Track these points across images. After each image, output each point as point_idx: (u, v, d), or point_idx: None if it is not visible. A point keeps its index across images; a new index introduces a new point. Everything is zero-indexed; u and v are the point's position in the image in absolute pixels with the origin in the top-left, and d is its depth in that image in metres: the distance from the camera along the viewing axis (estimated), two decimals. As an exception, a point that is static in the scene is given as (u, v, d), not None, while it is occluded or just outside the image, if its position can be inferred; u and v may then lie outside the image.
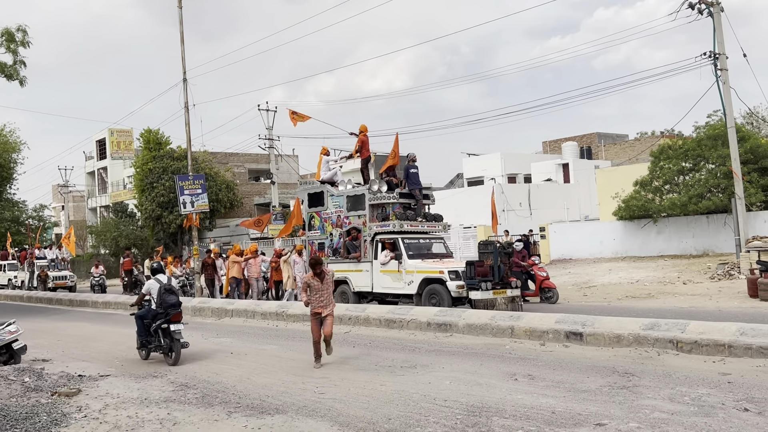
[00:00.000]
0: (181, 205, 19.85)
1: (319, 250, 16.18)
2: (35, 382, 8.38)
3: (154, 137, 42.35)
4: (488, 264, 13.48)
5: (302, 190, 17.23)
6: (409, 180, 15.27)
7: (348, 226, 15.43)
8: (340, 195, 15.86)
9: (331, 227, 15.95)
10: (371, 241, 14.92)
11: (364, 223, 15.09)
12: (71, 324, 16.58)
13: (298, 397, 7.00)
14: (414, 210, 15.19)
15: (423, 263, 14.10)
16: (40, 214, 52.69)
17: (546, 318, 10.22)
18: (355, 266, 15.12)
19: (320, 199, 16.32)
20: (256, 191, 48.99)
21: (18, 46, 19.24)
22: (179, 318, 9.56)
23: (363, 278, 15.03)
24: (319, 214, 16.33)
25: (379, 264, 14.62)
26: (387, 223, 14.67)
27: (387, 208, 15.02)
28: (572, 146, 42.55)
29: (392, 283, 14.46)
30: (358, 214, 15.28)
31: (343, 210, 15.66)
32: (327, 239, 16.06)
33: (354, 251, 15.18)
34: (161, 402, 7.11)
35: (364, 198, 15.17)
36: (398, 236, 14.52)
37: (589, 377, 7.34)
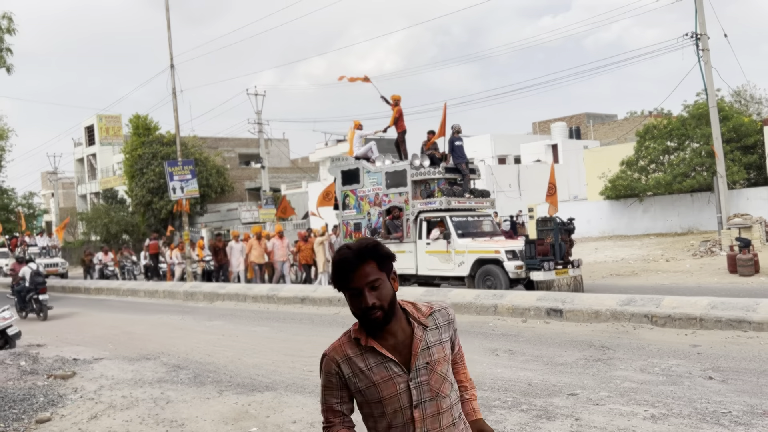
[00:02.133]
0: (170, 191, 19.97)
1: (355, 230, 15.25)
2: (31, 366, 8.62)
3: (143, 123, 42.25)
4: (548, 242, 12.65)
5: (335, 167, 16.17)
6: (454, 153, 14.25)
7: (388, 205, 14.46)
8: (377, 171, 14.74)
9: (369, 206, 14.92)
10: (415, 220, 13.93)
11: (406, 201, 14.08)
12: (65, 310, 16.77)
13: (287, 376, 7.26)
14: (461, 185, 14.22)
15: (474, 242, 13.14)
16: (30, 201, 52.58)
17: (528, 296, 10.53)
18: (397, 247, 13.96)
19: (355, 176, 15.19)
20: (246, 176, 49.04)
21: (3, 33, 19.15)
22: (45, 291, 13.62)
23: (406, 260, 13.95)
24: (354, 192, 15.23)
25: (425, 244, 13.72)
26: (432, 201, 13.71)
27: (431, 184, 14.04)
28: (561, 127, 42.79)
29: (440, 265, 13.51)
30: (399, 191, 14.23)
31: (381, 187, 14.60)
32: (364, 219, 15.02)
33: (395, 231, 14.22)
34: (154, 382, 7.35)
35: (406, 174, 14.11)
36: (446, 214, 13.50)
37: (566, 351, 7.64)
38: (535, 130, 48.40)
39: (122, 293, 20.04)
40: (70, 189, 62.97)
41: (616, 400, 5.51)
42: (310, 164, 50.95)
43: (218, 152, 45.91)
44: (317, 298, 13.57)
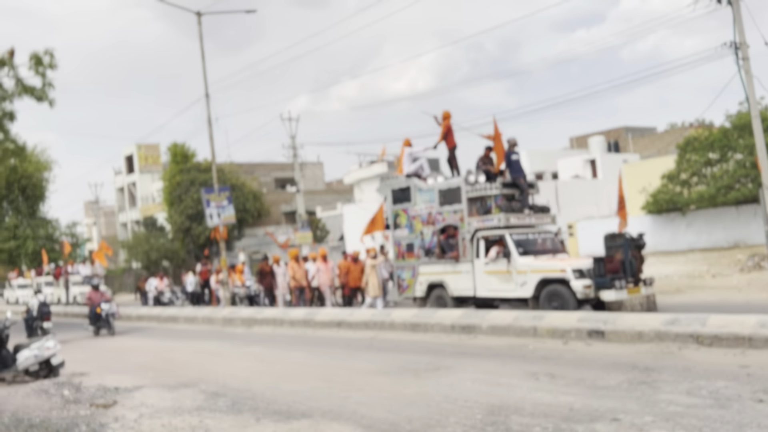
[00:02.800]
0: (207, 218, 20.24)
1: (408, 250, 14.81)
2: (74, 395, 8.74)
3: (181, 151, 43.19)
4: (618, 259, 11.91)
5: (385, 186, 15.68)
6: (511, 168, 13.76)
7: (442, 223, 13.98)
8: (430, 189, 14.31)
9: (422, 225, 14.46)
10: (471, 239, 13.40)
11: (461, 219, 13.56)
12: (106, 338, 17.07)
13: (324, 402, 7.21)
14: (519, 201, 13.65)
15: (537, 261, 12.49)
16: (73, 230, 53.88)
17: (568, 317, 10.32)
18: (453, 267, 13.62)
19: (407, 194, 14.81)
20: (282, 199, 49.57)
21: (46, 68, 19.90)
22: (49, 319, 14.34)
23: (463, 281, 13.47)
24: (406, 212, 14.83)
25: (483, 264, 13.13)
26: (490, 217, 13.15)
27: (488, 200, 13.51)
28: (599, 141, 42.27)
29: (500, 285, 12.90)
30: (454, 209, 13.73)
31: (434, 205, 14.14)
32: (417, 238, 14.55)
33: (451, 251, 13.68)
34: (193, 410, 7.37)
35: (460, 191, 13.63)
36: (505, 231, 12.95)
37: (609, 374, 7.43)
38: (572, 145, 47.92)
39: (162, 320, 20.31)
40: (111, 217, 64.50)
41: (661, 425, 5.32)
42: (345, 186, 51.25)
43: (254, 177, 46.59)
44: (353, 322, 13.54)
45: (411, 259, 14.65)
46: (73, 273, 32.13)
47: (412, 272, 14.63)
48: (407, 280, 14.77)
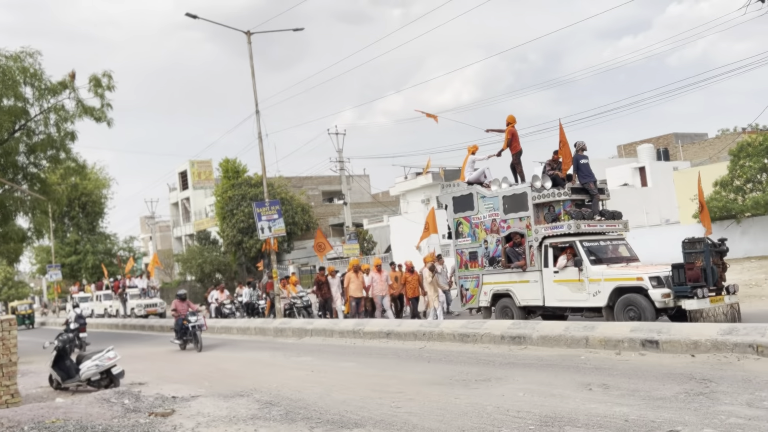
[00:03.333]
0: (259, 231, 20.62)
1: (471, 259, 14.39)
2: (134, 404, 9.03)
3: (232, 166, 44.16)
4: (698, 266, 11.26)
5: (446, 194, 15.18)
6: (580, 172, 13.19)
7: (507, 231, 13.54)
8: (494, 196, 13.88)
9: (485, 233, 14.02)
10: (539, 247, 12.96)
11: (527, 226, 13.12)
12: (163, 349, 17.53)
13: (375, 412, 7.28)
14: (589, 207, 13.14)
15: (611, 269, 11.99)
16: (130, 245, 55.58)
17: (621, 327, 10.14)
18: (520, 277, 13.21)
19: (469, 202, 14.40)
20: (330, 212, 50.04)
21: (104, 90, 20.67)
22: (84, 330, 14.59)
23: (531, 290, 13.07)
24: (468, 220, 14.41)
25: (552, 273, 12.68)
26: (559, 225, 12.67)
27: (556, 206, 13.03)
28: (648, 148, 41.34)
29: (571, 295, 12.40)
30: (520, 216, 13.29)
31: (498, 213, 13.71)
32: (480, 247, 14.13)
33: (517, 259, 13.25)
34: (248, 419, 7.54)
35: (526, 197, 13.16)
36: (575, 239, 12.45)
37: (664, 385, 7.29)
38: (620, 154, 47.00)
39: (216, 330, 20.73)
40: (166, 232, 66.21)
41: (720, 438, 5.21)
42: (391, 198, 51.44)
43: (302, 191, 47.23)
44: (402, 332, 13.58)
45: (475, 269, 14.29)
46: (131, 286, 33.07)
47: (476, 282, 14.28)
48: (471, 290, 14.42)
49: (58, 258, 46.04)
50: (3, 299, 70.42)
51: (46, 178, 22.22)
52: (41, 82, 19.93)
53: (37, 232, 23.38)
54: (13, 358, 9.60)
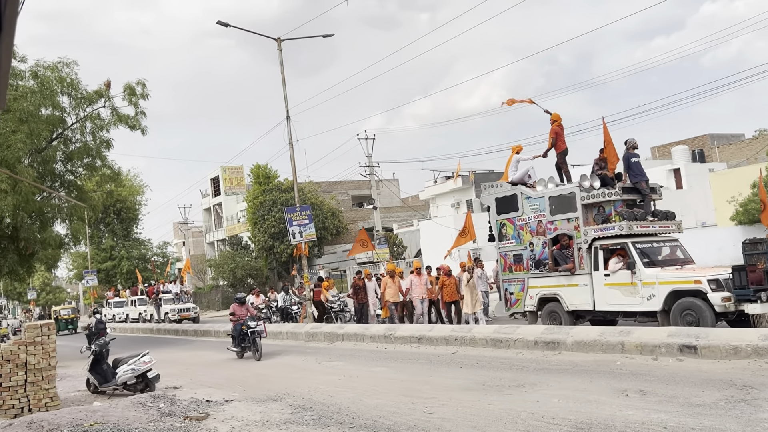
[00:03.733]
0: (290, 236, 20.76)
1: (516, 262, 13.93)
2: (169, 408, 9.14)
3: (263, 172, 44.60)
4: (761, 268, 10.61)
5: (488, 195, 14.65)
6: (630, 171, 12.69)
7: (554, 233, 13.07)
8: (540, 196, 13.42)
9: (531, 235, 13.58)
10: (588, 249, 12.51)
11: (576, 228, 12.64)
12: (197, 353, 17.73)
13: (408, 417, 7.26)
14: (641, 207, 12.62)
15: (666, 272, 11.50)
16: (164, 251, 56.46)
17: (657, 332, 9.96)
18: (568, 280, 12.75)
19: (513, 203, 13.95)
20: (360, 217, 50.19)
21: (138, 98, 21.02)
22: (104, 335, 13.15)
23: (580, 294, 12.60)
24: (512, 221, 13.97)
25: (603, 276, 12.22)
26: (610, 226, 12.16)
27: (606, 207, 12.51)
28: (683, 150, 40.62)
29: (623, 299, 11.92)
30: (567, 217, 12.82)
31: (545, 214, 13.25)
32: (525, 249, 13.68)
33: (565, 262, 12.80)
34: (282, 424, 7.58)
35: (575, 197, 12.69)
36: (627, 240, 11.98)
37: (704, 391, 7.13)
38: (654, 155, 46.26)
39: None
40: (199, 237, 67.07)
41: (764, 446, 5.07)
42: (420, 202, 51.38)
43: (332, 196, 47.45)
44: (434, 337, 13.52)
45: (519, 272, 13.87)
46: (164, 291, 33.52)
47: (521, 285, 13.83)
48: (516, 293, 13.98)
49: (94, 264, 46.97)
50: (41, 304, 72.05)
51: (82, 186, 22.67)
52: (77, 92, 20.36)
53: (74, 238, 23.79)
54: (52, 362, 9.80)
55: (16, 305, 78.49)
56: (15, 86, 18.93)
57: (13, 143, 17.73)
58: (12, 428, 8.03)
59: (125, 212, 51.92)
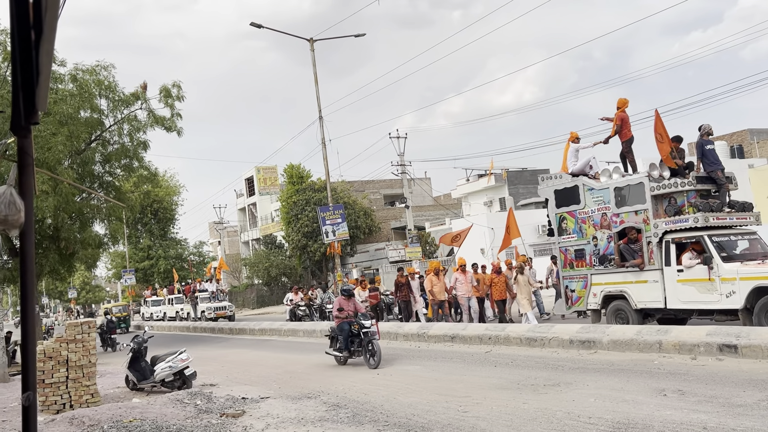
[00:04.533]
0: (324, 235, 20.91)
1: (578, 258, 13.17)
2: (206, 405, 9.28)
3: (297, 172, 44.95)
4: None
5: (546, 188, 13.89)
6: (705, 159, 11.87)
7: (620, 226, 12.31)
8: (604, 188, 12.63)
9: (594, 229, 12.82)
10: (659, 243, 11.70)
11: (645, 220, 11.84)
12: (233, 351, 17.95)
13: (442, 416, 7.24)
14: (716, 197, 11.78)
15: (747, 267, 10.63)
16: (200, 250, 57.31)
17: (696, 330, 9.76)
18: (636, 276, 11.99)
19: (574, 195, 13.22)
20: (392, 216, 50.20)
21: (174, 100, 21.36)
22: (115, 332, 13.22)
23: (649, 291, 11.80)
24: (573, 214, 13.24)
25: (675, 271, 11.41)
26: (684, 218, 11.30)
27: (678, 198, 11.68)
28: (721, 145, 39.62)
29: (699, 296, 11.10)
30: (635, 209, 12.00)
31: (609, 206, 12.47)
32: (588, 244, 12.95)
33: (632, 257, 12.03)
34: (316, 421, 7.63)
35: (643, 188, 11.86)
36: (703, 233, 11.13)
37: (745, 391, 6.96)
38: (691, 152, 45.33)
39: (283, 333, 21.09)
40: (234, 237, 67.92)
41: (809, 448, 4.93)
42: (452, 201, 51.19)
43: (365, 195, 47.60)
44: (467, 336, 13.46)
45: (581, 268, 13.11)
46: (201, 290, 33.98)
47: (583, 283, 13.10)
48: (577, 291, 13.28)
49: (131, 263, 47.91)
50: (81, 303, 73.75)
51: (120, 186, 23.14)
52: (115, 94, 20.78)
53: (113, 238, 24.33)
54: (92, 359, 10.04)
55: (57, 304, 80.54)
56: (55, 90, 19.39)
57: (54, 145, 18.17)
58: (54, 424, 8.25)
59: (162, 212, 52.83)
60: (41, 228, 20.08)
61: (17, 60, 1.38)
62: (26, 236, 1.52)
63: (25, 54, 1.36)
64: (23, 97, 1.41)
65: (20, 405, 1.60)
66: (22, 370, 1.62)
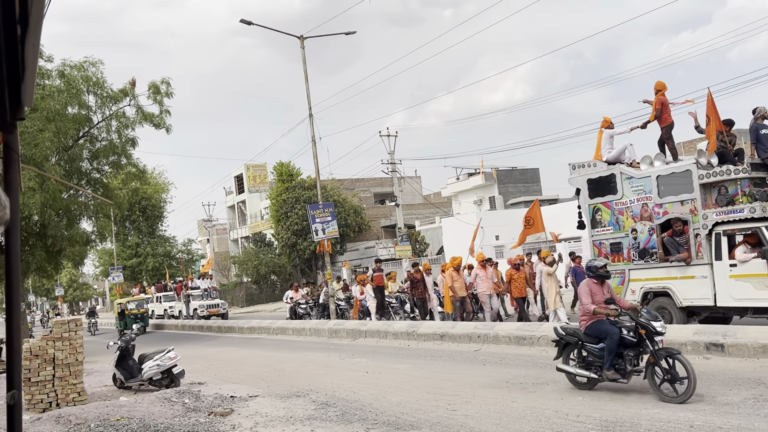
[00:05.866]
0: (313, 233, 20.84)
1: (614, 252, 12.26)
2: (194, 403, 9.23)
3: (286, 170, 44.86)
4: None
5: (578, 177, 12.90)
6: (760, 144, 10.97)
7: (663, 217, 11.39)
8: (645, 176, 11.68)
9: (633, 221, 11.89)
10: (708, 235, 10.79)
11: (692, 211, 10.93)
12: (221, 349, 17.89)
13: (431, 414, 7.25)
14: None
15: None
16: (189, 248, 57.04)
17: (683, 329, 9.83)
18: (682, 272, 11.10)
19: (610, 184, 12.31)
20: (382, 214, 50.21)
21: (163, 97, 21.21)
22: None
23: (697, 287, 10.90)
24: (609, 205, 12.32)
25: (727, 266, 10.52)
26: (737, 208, 10.40)
27: (729, 186, 10.76)
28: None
29: (755, 293, 10.21)
30: (681, 199, 11.09)
31: (651, 196, 11.54)
32: (626, 237, 12.00)
33: (677, 251, 11.14)
34: (305, 420, 7.62)
35: (690, 176, 10.93)
36: (760, 224, 10.14)
37: (731, 390, 7.02)
38: (680, 151, 45.63)
39: (272, 332, 21.05)
40: (223, 234, 67.68)
41: (794, 446, 4.98)
42: (443, 199, 51.28)
43: (355, 193, 47.60)
44: (456, 334, 13.49)
45: (618, 263, 12.14)
46: (193, 287, 33.61)
47: (620, 279, 12.13)
48: (613, 288, 12.13)
49: (119, 260, 47.59)
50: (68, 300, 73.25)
51: (108, 183, 22.96)
52: (103, 90, 20.60)
53: (100, 235, 24.15)
54: (79, 357, 9.96)
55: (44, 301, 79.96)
56: (42, 85, 19.21)
57: (41, 142, 18.01)
58: (40, 422, 8.18)
59: (150, 210, 52.54)
60: (28, 225, 19.90)
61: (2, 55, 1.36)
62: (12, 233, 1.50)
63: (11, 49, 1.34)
64: (8, 93, 1.39)
65: (5, 404, 1.58)
66: (7, 368, 1.60)
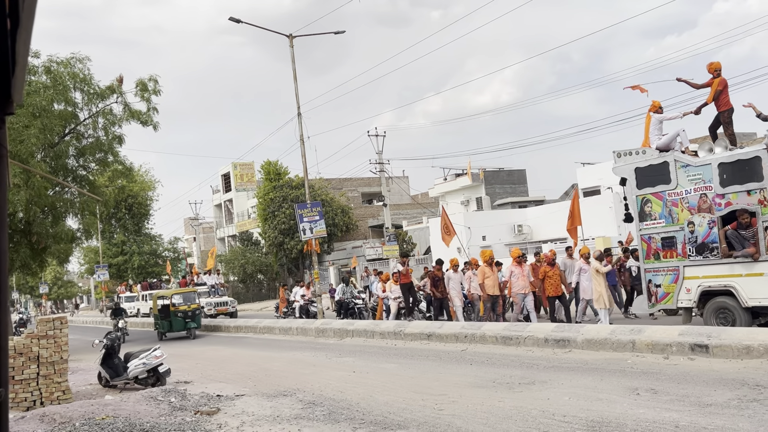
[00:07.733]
0: (301, 232, 20.80)
1: (666, 247, 11.24)
2: (180, 402, 9.18)
3: (274, 168, 44.74)
4: None
5: (624, 165, 11.80)
6: None
7: (727, 209, 10.37)
8: (704, 164, 10.62)
9: (689, 213, 10.84)
10: None
11: (761, 202, 9.89)
12: (208, 348, 17.81)
13: (418, 414, 7.26)
14: None
15: None
16: (175, 246, 56.70)
17: (669, 330, 9.90)
18: (748, 268, 10.10)
19: (662, 173, 11.23)
20: (369, 214, 50.22)
21: (150, 94, 21.08)
22: None
23: (766, 286, 9.95)
24: (660, 196, 11.25)
25: None
26: None
27: None
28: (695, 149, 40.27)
29: None
30: (747, 188, 10.01)
31: (712, 185, 10.49)
32: (681, 231, 10.97)
33: (743, 245, 10.14)
34: (292, 419, 7.60)
35: (760, 163, 9.83)
36: None
37: (716, 390, 7.08)
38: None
39: (259, 331, 20.99)
40: (209, 233, 67.36)
41: (777, 446, 5.03)
42: (430, 199, 51.37)
43: (342, 192, 47.57)
44: (444, 334, 13.51)
45: (671, 259, 11.15)
46: (199, 284, 32.59)
47: (673, 276, 11.15)
48: (665, 286, 11.29)
49: (105, 258, 47.23)
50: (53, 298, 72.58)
51: (94, 181, 22.78)
52: (90, 87, 20.45)
53: (86, 232, 23.96)
54: (64, 355, 9.88)
55: (28, 299, 79.20)
56: (28, 81, 19.04)
57: (26, 138, 17.84)
58: (24, 421, 8.10)
59: (137, 207, 52.20)
60: (12, 222, 19.70)
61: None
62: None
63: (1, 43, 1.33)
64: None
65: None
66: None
